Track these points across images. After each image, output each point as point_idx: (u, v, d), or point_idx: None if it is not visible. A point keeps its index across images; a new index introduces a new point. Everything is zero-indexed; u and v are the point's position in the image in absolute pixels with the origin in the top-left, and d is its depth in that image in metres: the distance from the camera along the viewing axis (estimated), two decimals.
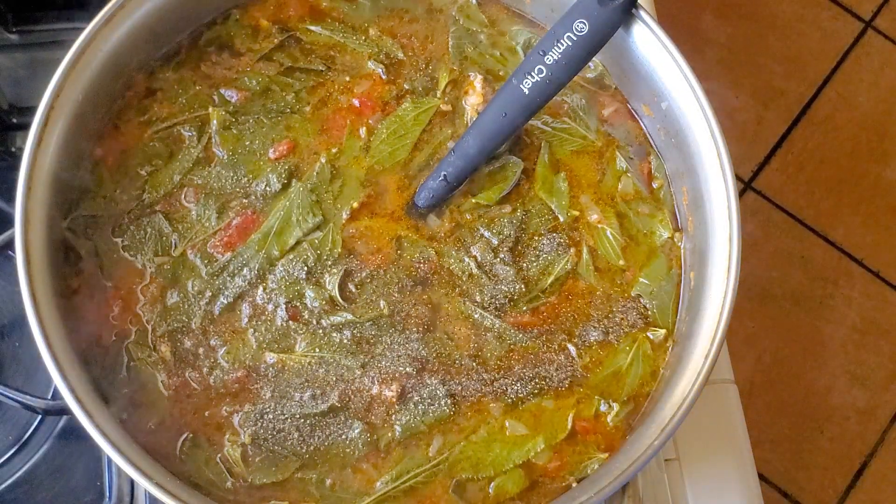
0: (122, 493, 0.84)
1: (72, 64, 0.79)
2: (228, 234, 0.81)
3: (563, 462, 0.78)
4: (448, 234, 0.82)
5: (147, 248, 0.81)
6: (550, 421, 0.79)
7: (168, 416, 0.77)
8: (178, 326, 0.79)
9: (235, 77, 0.86)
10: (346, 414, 0.77)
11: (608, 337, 0.81)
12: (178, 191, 0.83)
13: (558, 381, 0.80)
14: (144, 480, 0.69)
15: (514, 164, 0.85)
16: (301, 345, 0.79)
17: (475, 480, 0.77)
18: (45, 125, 0.77)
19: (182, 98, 0.86)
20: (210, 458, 0.76)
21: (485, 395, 0.79)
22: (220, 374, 0.78)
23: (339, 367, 0.78)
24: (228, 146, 0.84)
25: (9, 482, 0.85)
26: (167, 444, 0.76)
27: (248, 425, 0.77)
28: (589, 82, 0.89)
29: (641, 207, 0.85)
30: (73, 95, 0.79)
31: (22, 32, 0.99)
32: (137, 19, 0.83)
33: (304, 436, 0.77)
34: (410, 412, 0.78)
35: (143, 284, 0.80)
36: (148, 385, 0.77)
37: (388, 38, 0.89)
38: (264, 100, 0.86)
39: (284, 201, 0.82)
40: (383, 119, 0.85)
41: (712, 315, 0.76)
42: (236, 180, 0.83)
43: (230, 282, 0.80)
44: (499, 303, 0.81)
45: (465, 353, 0.79)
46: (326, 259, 0.81)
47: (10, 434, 0.87)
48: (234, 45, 0.88)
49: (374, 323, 0.79)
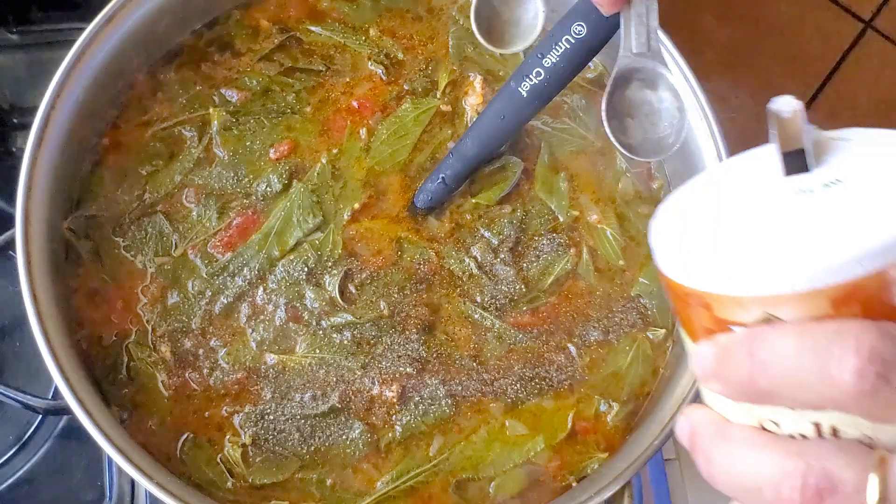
0: (123, 493, 0.84)
1: (72, 64, 0.79)
2: (229, 234, 0.81)
3: (564, 462, 0.78)
4: (448, 235, 0.82)
5: (148, 249, 0.81)
6: (550, 421, 0.79)
7: (168, 416, 0.77)
8: (178, 327, 0.79)
9: (236, 77, 0.86)
10: (346, 414, 0.77)
11: (608, 337, 0.82)
12: (178, 191, 0.83)
13: (558, 381, 0.80)
14: (145, 480, 0.69)
15: (514, 165, 0.85)
16: (301, 346, 0.79)
17: (475, 480, 0.77)
18: (46, 125, 0.77)
19: (183, 98, 0.86)
20: (211, 458, 0.76)
21: (485, 395, 0.79)
22: (220, 375, 0.78)
23: (340, 367, 0.78)
24: (229, 146, 0.84)
25: (9, 482, 0.85)
26: (168, 444, 0.76)
27: (249, 426, 0.77)
28: (589, 82, 0.89)
29: (641, 208, 0.86)
30: (74, 96, 0.79)
31: (22, 32, 0.99)
32: (138, 19, 0.83)
33: (305, 436, 0.77)
34: (411, 412, 0.78)
35: (144, 284, 0.80)
36: (148, 385, 0.77)
37: (389, 38, 0.89)
38: (265, 100, 0.86)
39: (285, 202, 0.82)
40: (383, 120, 0.85)
41: None
42: (237, 180, 0.83)
43: (230, 282, 0.80)
44: (499, 303, 0.81)
45: (465, 354, 0.80)
46: (327, 260, 0.81)
47: (11, 434, 0.87)
48: (235, 46, 0.88)
49: (374, 324, 0.79)
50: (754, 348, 0.38)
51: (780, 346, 0.37)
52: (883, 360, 0.34)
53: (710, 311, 0.39)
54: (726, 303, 0.38)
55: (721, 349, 0.40)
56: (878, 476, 0.36)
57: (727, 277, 0.38)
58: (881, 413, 0.36)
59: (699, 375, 0.41)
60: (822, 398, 0.36)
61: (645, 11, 0.51)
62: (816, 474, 0.37)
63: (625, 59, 0.52)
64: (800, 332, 0.36)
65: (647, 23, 0.51)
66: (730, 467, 0.40)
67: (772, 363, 0.37)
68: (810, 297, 0.36)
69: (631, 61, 0.52)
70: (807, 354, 0.36)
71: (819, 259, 0.35)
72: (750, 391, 0.39)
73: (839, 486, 0.36)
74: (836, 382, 0.35)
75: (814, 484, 0.37)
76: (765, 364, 0.37)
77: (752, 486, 0.39)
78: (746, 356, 0.38)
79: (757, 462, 0.39)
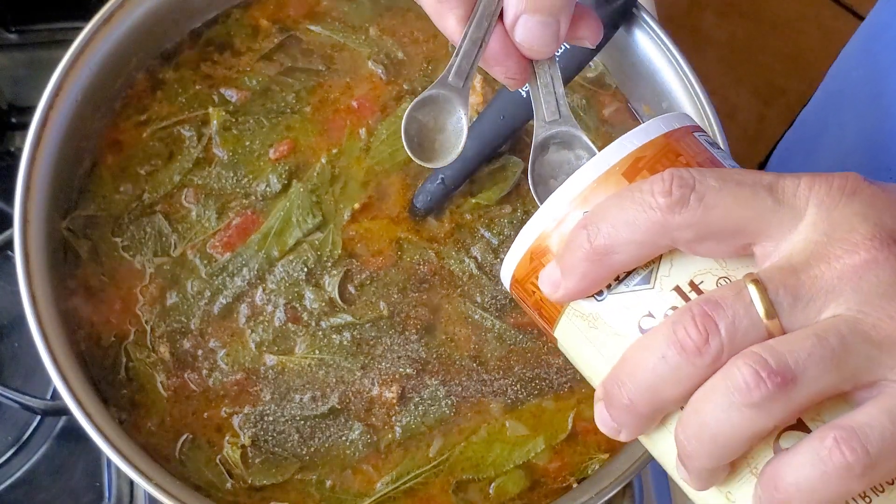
0: (122, 494, 0.84)
1: (71, 63, 0.78)
2: (228, 234, 0.81)
3: (564, 462, 0.78)
4: (448, 235, 0.82)
5: (147, 249, 0.81)
6: (551, 421, 0.79)
7: (167, 417, 0.77)
8: (177, 327, 0.79)
9: (236, 77, 0.86)
10: (346, 415, 0.77)
11: None
12: (178, 191, 0.82)
13: (559, 383, 0.80)
14: (144, 481, 0.69)
15: (514, 164, 0.84)
16: (301, 346, 0.78)
17: (476, 481, 0.77)
18: (45, 125, 0.77)
19: (182, 98, 0.85)
20: (210, 459, 0.76)
21: (485, 395, 0.79)
22: (219, 376, 0.78)
23: (339, 368, 0.78)
24: (228, 146, 0.83)
25: (8, 483, 0.85)
26: (167, 445, 0.76)
27: (248, 427, 0.76)
28: (589, 82, 0.89)
29: None
30: (73, 95, 0.79)
31: (21, 32, 0.99)
32: (137, 18, 0.82)
33: (305, 437, 0.77)
34: (411, 413, 0.77)
35: (143, 285, 0.80)
36: (147, 386, 0.77)
37: (389, 37, 0.89)
38: (264, 100, 0.85)
39: (284, 202, 0.82)
40: (383, 119, 0.85)
41: None
42: (236, 181, 0.83)
43: (229, 282, 0.80)
44: (499, 303, 0.81)
45: (465, 354, 0.79)
46: (326, 260, 0.80)
47: (9, 435, 0.87)
48: (235, 45, 0.88)
49: (373, 324, 0.79)
50: (585, 224, 0.43)
51: (601, 208, 0.43)
52: (681, 178, 0.41)
53: (549, 252, 0.46)
54: (551, 231, 0.46)
55: (560, 250, 0.45)
56: (756, 287, 0.39)
57: (545, 207, 0.46)
58: (709, 232, 0.41)
59: (550, 292, 0.46)
60: (651, 233, 0.41)
61: (550, 81, 0.54)
62: (697, 308, 0.40)
63: (541, 130, 0.54)
64: (613, 195, 0.43)
65: (554, 91, 0.54)
66: (632, 377, 0.42)
67: (602, 221, 0.42)
68: (609, 178, 0.44)
69: (546, 130, 0.54)
70: (623, 201, 0.42)
71: (605, 150, 0.46)
72: (593, 258, 0.42)
73: (723, 302, 0.39)
74: (654, 205, 0.41)
75: (700, 312, 0.39)
76: (597, 227, 0.42)
77: (652, 366, 0.41)
78: (582, 232, 0.43)
79: (645, 346, 0.42)
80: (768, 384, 0.37)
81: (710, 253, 0.42)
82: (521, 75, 0.53)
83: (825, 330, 0.38)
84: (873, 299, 0.39)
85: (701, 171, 0.41)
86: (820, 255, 0.40)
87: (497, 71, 0.54)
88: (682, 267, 0.43)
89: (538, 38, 0.50)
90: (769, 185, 0.41)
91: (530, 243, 0.47)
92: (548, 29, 0.50)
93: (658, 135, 0.46)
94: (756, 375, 0.38)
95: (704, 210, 0.40)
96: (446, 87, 0.54)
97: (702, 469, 0.41)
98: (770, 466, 0.40)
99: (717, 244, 0.42)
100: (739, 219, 0.41)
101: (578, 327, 0.47)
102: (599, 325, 0.46)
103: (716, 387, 0.39)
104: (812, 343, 0.38)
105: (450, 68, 0.53)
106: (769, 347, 0.38)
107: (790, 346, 0.38)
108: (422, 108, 0.53)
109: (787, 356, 0.38)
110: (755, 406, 0.38)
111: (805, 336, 0.38)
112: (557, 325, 0.48)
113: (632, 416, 0.43)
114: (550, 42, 0.51)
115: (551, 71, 0.54)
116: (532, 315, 0.50)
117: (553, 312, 0.48)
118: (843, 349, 0.38)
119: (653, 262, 0.44)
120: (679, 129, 0.46)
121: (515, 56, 0.52)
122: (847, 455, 0.37)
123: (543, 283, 0.46)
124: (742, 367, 0.38)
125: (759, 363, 0.38)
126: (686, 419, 0.40)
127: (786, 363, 0.38)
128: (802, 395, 0.38)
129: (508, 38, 0.51)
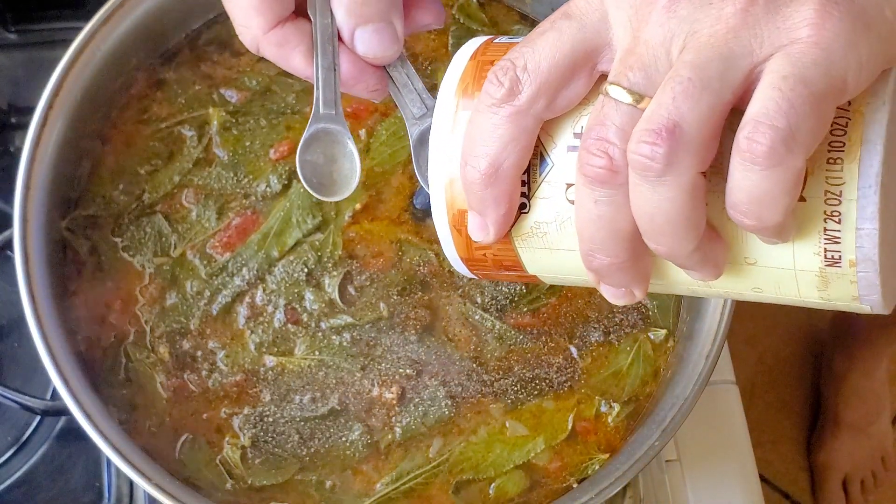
0: (121, 494, 0.84)
1: (71, 63, 0.78)
2: (228, 234, 0.81)
3: (564, 462, 0.78)
4: None
5: (146, 249, 0.81)
6: (551, 421, 0.79)
7: (167, 417, 0.77)
8: (176, 328, 0.79)
9: (236, 77, 0.86)
10: (346, 416, 0.77)
11: (609, 337, 0.81)
12: (178, 191, 0.82)
13: (559, 383, 0.80)
14: (143, 481, 0.69)
15: None
16: (300, 347, 0.78)
17: (476, 481, 0.77)
18: (44, 125, 0.77)
19: (182, 98, 0.85)
20: (210, 459, 0.76)
21: (485, 395, 0.79)
22: (218, 377, 0.78)
23: (339, 369, 0.78)
24: (229, 147, 0.83)
25: (7, 483, 0.85)
26: (166, 445, 0.76)
27: (248, 428, 0.76)
28: None
29: None
30: (72, 95, 0.79)
31: (21, 32, 0.99)
32: (137, 18, 0.82)
33: (305, 438, 0.77)
34: (410, 414, 0.77)
35: (142, 285, 0.80)
36: (147, 386, 0.77)
37: None
38: (264, 100, 0.85)
39: (284, 202, 0.82)
40: (382, 120, 0.85)
41: (713, 315, 0.76)
42: (236, 181, 0.83)
43: (229, 282, 0.80)
44: (499, 304, 0.81)
45: (465, 355, 0.79)
46: (327, 261, 0.80)
47: (9, 435, 0.87)
48: (235, 45, 0.87)
49: (373, 325, 0.79)
50: (465, 162, 0.45)
51: (467, 139, 0.45)
52: (501, 67, 0.43)
53: (464, 214, 0.48)
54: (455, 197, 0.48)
55: (466, 200, 0.47)
56: (612, 87, 0.41)
57: (435, 124, 0.48)
58: (552, 88, 0.43)
59: (484, 237, 0.47)
60: (514, 125, 0.43)
61: (407, 79, 0.55)
62: (585, 142, 0.41)
63: (413, 128, 0.56)
64: (466, 126, 0.46)
65: (414, 87, 0.55)
66: (594, 238, 0.43)
67: (472, 148, 0.45)
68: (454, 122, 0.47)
69: (418, 125, 0.56)
70: (475, 122, 0.44)
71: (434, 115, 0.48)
72: (490, 180, 0.45)
73: (597, 122, 0.41)
74: (497, 102, 0.43)
75: (588, 144, 0.41)
76: (473, 155, 0.45)
77: (597, 216, 0.42)
78: (466, 168, 0.45)
79: (581, 206, 0.43)
80: (662, 145, 0.38)
81: (571, 101, 0.44)
82: (381, 84, 0.55)
83: (675, 70, 0.39)
84: (695, 14, 0.39)
85: (510, 52, 0.43)
86: (638, 21, 0.41)
87: (359, 89, 0.55)
88: (560, 130, 0.45)
89: (379, 46, 0.52)
90: (564, 13, 0.43)
91: (447, 221, 0.49)
92: (385, 34, 0.52)
93: (466, 61, 0.48)
94: (648, 145, 0.38)
95: (535, 74, 0.42)
96: (321, 120, 0.54)
97: (692, 256, 0.42)
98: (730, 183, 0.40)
99: (568, 91, 0.43)
100: (565, 58, 0.42)
101: (536, 247, 0.47)
102: (546, 229, 0.46)
103: (635, 182, 0.40)
104: (671, 88, 0.39)
105: (316, 102, 0.53)
106: (643, 119, 0.39)
107: (656, 105, 0.39)
108: (308, 148, 0.54)
109: (656, 113, 0.39)
110: (669, 171, 0.39)
111: (663, 89, 0.39)
112: (524, 262, 0.48)
113: (625, 272, 0.44)
114: (392, 44, 0.52)
115: (405, 69, 0.55)
116: (504, 276, 0.51)
117: (510, 255, 0.48)
118: (698, 73, 0.39)
119: (538, 146, 0.45)
120: (480, 45, 0.49)
121: (369, 69, 0.54)
122: (770, 136, 0.37)
123: (476, 235, 0.47)
124: (634, 152, 0.39)
125: (642, 135, 0.39)
126: (644, 232, 0.41)
127: (660, 117, 0.38)
128: (695, 132, 0.39)
129: (355, 54, 0.53)
